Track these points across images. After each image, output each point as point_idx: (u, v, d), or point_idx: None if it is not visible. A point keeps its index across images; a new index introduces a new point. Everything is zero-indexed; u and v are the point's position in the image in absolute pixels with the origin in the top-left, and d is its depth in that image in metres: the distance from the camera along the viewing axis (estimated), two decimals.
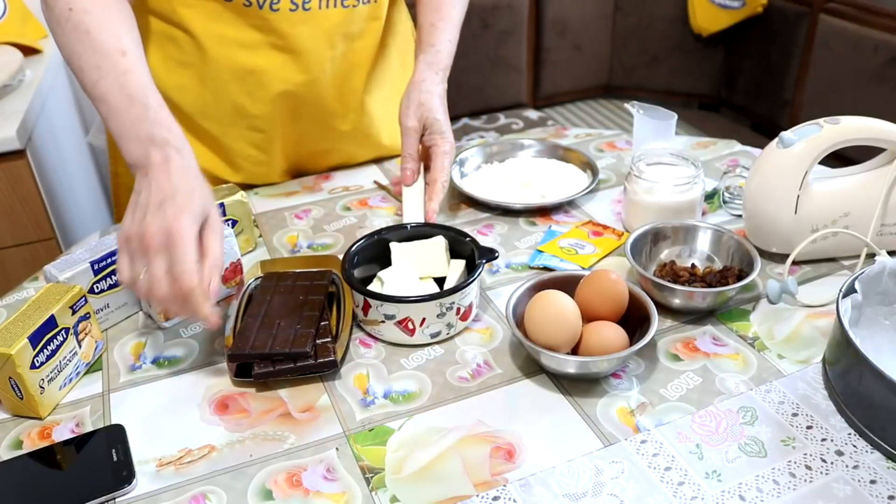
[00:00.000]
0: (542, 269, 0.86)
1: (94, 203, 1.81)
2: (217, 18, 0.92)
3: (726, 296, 0.77)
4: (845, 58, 2.16)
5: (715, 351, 0.73)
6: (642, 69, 2.74)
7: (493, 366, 0.73)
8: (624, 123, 2.71)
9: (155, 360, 0.75)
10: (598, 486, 0.59)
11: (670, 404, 0.67)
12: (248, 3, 0.90)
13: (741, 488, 0.59)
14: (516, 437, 0.64)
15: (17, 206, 1.35)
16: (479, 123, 2.44)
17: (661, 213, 0.88)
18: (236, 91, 0.97)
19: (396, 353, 0.75)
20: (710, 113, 2.76)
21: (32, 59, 1.60)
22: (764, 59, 2.45)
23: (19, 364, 0.64)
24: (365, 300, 0.74)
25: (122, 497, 0.60)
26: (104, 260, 0.77)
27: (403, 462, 0.62)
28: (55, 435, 0.67)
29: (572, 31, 2.65)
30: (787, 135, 0.81)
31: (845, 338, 0.63)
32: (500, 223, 0.96)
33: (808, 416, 0.65)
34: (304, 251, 0.92)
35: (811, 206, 0.81)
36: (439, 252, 0.80)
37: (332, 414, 0.68)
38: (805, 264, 0.85)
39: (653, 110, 1.00)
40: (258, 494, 0.60)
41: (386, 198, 1.03)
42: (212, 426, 0.67)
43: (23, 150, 1.31)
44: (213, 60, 0.94)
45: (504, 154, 1.11)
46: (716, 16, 2.49)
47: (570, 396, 0.68)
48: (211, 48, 0.93)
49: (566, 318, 0.68)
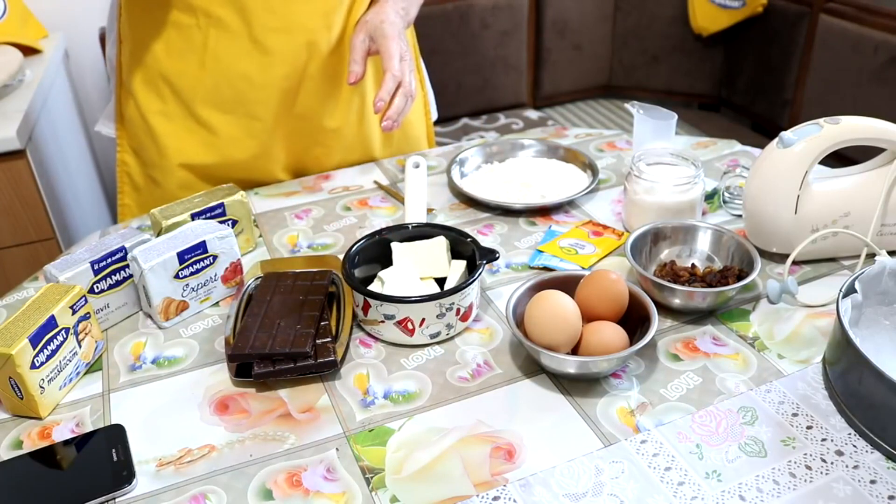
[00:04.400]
0: (542, 269, 0.86)
1: (95, 203, 1.81)
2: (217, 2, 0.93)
3: (726, 296, 0.77)
4: (845, 58, 2.16)
5: (715, 351, 0.73)
6: (642, 69, 2.74)
7: (493, 366, 0.73)
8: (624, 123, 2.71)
9: (155, 360, 0.75)
10: (598, 486, 0.59)
11: (670, 404, 0.67)
12: None
13: (741, 488, 0.59)
14: (516, 437, 0.64)
15: (17, 206, 1.35)
16: (479, 123, 2.44)
17: (661, 213, 0.88)
18: (236, 75, 0.98)
19: (396, 353, 0.75)
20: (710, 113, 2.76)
21: (32, 58, 1.60)
22: (764, 59, 2.45)
23: (19, 364, 0.64)
24: (365, 300, 0.74)
25: (122, 497, 0.60)
26: (104, 260, 0.77)
27: (403, 462, 0.62)
28: (55, 435, 0.67)
29: (572, 31, 2.65)
30: (787, 135, 0.81)
31: (845, 338, 0.63)
32: (500, 223, 0.96)
33: (808, 416, 0.65)
34: (304, 251, 0.92)
35: (811, 206, 0.81)
36: (440, 252, 0.80)
37: (332, 414, 0.68)
38: (805, 264, 0.85)
39: (653, 110, 1.00)
40: (258, 494, 0.60)
41: (386, 198, 1.03)
42: (212, 426, 0.67)
43: (23, 150, 1.31)
44: (213, 45, 0.95)
45: (504, 154, 1.11)
46: (716, 16, 2.49)
47: (570, 396, 0.68)
48: (212, 33, 0.95)
49: (566, 318, 0.68)
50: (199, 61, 0.97)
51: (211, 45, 0.96)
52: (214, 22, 0.95)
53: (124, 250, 0.78)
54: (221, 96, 1.00)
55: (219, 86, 0.99)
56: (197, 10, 0.94)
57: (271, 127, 1.04)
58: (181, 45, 0.97)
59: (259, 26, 0.95)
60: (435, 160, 1.12)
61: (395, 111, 0.92)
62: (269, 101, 1.01)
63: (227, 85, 0.99)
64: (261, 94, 1.00)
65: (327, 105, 1.06)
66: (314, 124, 1.07)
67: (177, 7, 0.95)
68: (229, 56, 0.97)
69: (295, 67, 0.99)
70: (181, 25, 0.96)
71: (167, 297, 0.78)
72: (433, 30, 2.30)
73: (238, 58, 0.97)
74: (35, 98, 1.42)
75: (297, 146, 1.08)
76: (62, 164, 1.56)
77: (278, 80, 1.00)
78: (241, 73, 0.98)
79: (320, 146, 1.09)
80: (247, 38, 0.96)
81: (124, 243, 0.78)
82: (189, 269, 0.78)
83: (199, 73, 0.98)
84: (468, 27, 2.41)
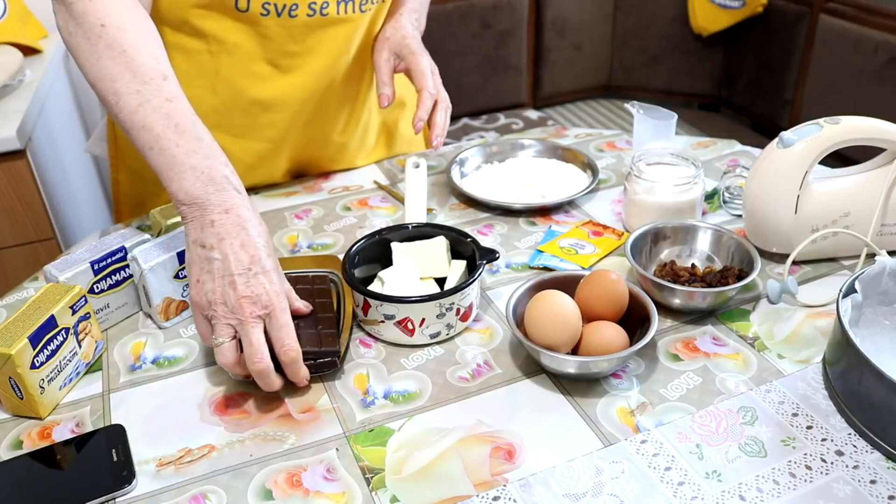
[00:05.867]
0: (542, 269, 0.87)
1: (94, 203, 1.81)
2: (231, 28, 0.89)
3: (726, 296, 0.77)
4: (845, 58, 2.16)
5: (715, 351, 0.73)
6: (642, 69, 2.74)
7: (493, 366, 0.73)
8: (624, 123, 2.71)
9: (155, 360, 0.75)
10: (598, 486, 0.59)
11: (670, 404, 0.67)
12: (265, 13, 0.87)
13: (741, 488, 0.59)
14: (516, 437, 0.64)
15: (17, 206, 1.35)
16: (479, 123, 2.45)
17: (661, 213, 0.88)
18: (249, 100, 0.95)
19: (396, 353, 0.75)
20: (710, 113, 2.76)
21: (32, 59, 1.60)
22: (764, 59, 2.46)
23: (19, 364, 0.64)
24: (365, 300, 0.74)
25: (122, 497, 0.60)
26: (104, 260, 0.77)
27: (403, 462, 0.62)
28: (55, 435, 0.67)
29: (572, 31, 2.65)
30: (787, 135, 0.81)
31: (845, 338, 0.63)
32: (500, 223, 0.96)
33: (808, 416, 0.65)
34: (304, 251, 0.92)
35: (811, 206, 0.81)
36: (440, 252, 0.80)
37: (332, 414, 0.68)
38: (805, 264, 0.85)
39: (653, 110, 1.00)
40: (258, 494, 0.60)
41: (386, 198, 1.03)
42: (212, 426, 0.67)
43: (23, 150, 1.31)
44: (226, 69, 0.93)
45: (504, 154, 1.11)
46: (716, 16, 2.49)
47: (570, 396, 0.68)
48: (224, 58, 0.92)
49: (566, 318, 0.68)
50: (210, 86, 0.94)
51: (223, 70, 0.92)
52: (228, 48, 0.91)
53: (124, 250, 0.78)
54: (232, 121, 0.97)
55: (230, 111, 0.96)
56: (209, 37, 0.90)
57: (278, 143, 1.02)
58: (189, 69, 0.92)
59: (277, 51, 0.92)
60: (435, 160, 1.12)
61: (442, 128, 0.93)
62: (281, 123, 0.99)
63: (238, 110, 0.96)
64: (274, 118, 0.98)
65: (338, 121, 1.05)
66: (322, 138, 1.06)
67: (184, 32, 0.90)
68: (243, 81, 0.94)
69: (312, 90, 0.97)
70: (189, 50, 0.91)
71: (167, 297, 0.78)
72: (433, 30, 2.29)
73: (253, 82, 0.94)
74: (35, 98, 1.42)
75: (301, 156, 1.07)
76: (62, 164, 1.56)
77: (293, 103, 0.97)
78: (254, 97, 0.95)
79: (325, 157, 1.09)
80: (263, 62, 0.93)
81: (124, 243, 0.78)
82: None
83: (210, 98, 0.94)
84: (468, 27, 2.41)
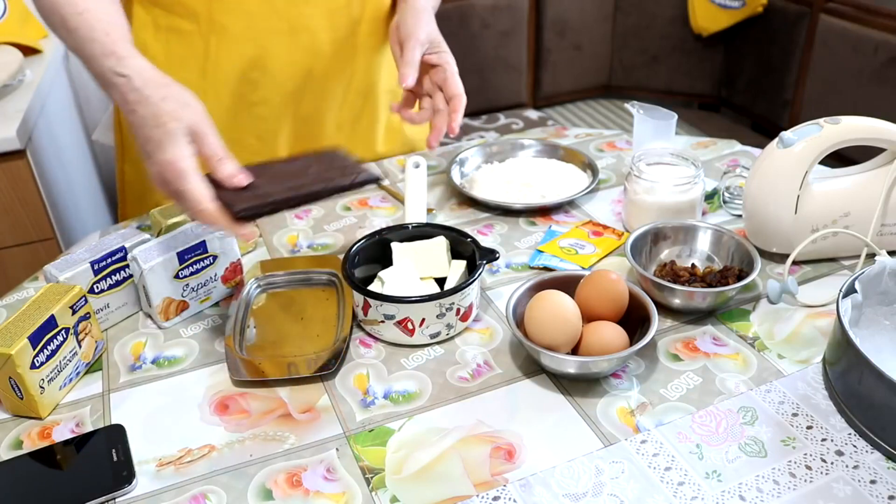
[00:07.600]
0: (542, 269, 0.86)
1: (94, 203, 1.81)
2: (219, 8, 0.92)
3: (726, 296, 0.77)
4: (845, 58, 2.16)
5: (715, 351, 0.73)
6: (642, 69, 2.74)
7: (493, 366, 0.73)
8: (624, 123, 2.71)
9: (155, 360, 0.75)
10: (598, 486, 0.59)
11: (670, 404, 0.67)
12: None
13: (741, 488, 0.59)
14: (516, 437, 0.64)
15: (17, 206, 1.35)
16: (479, 123, 2.44)
17: (661, 213, 0.88)
18: (239, 81, 0.97)
19: (396, 353, 0.74)
20: (710, 113, 2.76)
21: (32, 59, 1.60)
22: (764, 59, 2.45)
23: (19, 364, 0.64)
24: (365, 300, 0.74)
25: (122, 497, 0.60)
26: (104, 260, 0.77)
27: (403, 462, 0.62)
28: (55, 435, 0.67)
29: (572, 31, 2.65)
30: (787, 135, 0.81)
31: (845, 338, 0.63)
32: (500, 223, 0.96)
33: (808, 416, 0.65)
34: (304, 251, 0.92)
35: (811, 206, 0.81)
36: (440, 252, 0.80)
37: (332, 415, 0.68)
38: (805, 264, 0.85)
39: (653, 110, 1.00)
40: (258, 494, 0.60)
41: (386, 198, 1.03)
42: (212, 426, 0.67)
43: (23, 150, 1.30)
44: (215, 48, 0.95)
45: (504, 154, 1.11)
46: (716, 16, 2.49)
47: (570, 396, 0.68)
48: (214, 35, 0.94)
49: (566, 318, 0.68)
50: (200, 70, 0.96)
51: (212, 52, 0.95)
52: (217, 28, 0.94)
53: (124, 250, 0.78)
54: (223, 105, 0.99)
55: (220, 94, 0.98)
56: (200, 17, 0.93)
57: (274, 130, 1.04)
58: (182, 51, 0.96)
59: (263, 30, 0.95)
60: (435, 160, 1.12)
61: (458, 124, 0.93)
62: (272, 105, 1.01)
63: (228, 92, 0.98)
64: (264, 99, 1.00)
65: (331, 107, 1.06)
66: (317, 126, 1.07)
67: (177, 13, 0.94)
68: (231, 62, 0.96)
69: (299, 70, 0.99)
70: (182, 32, 0.95)
71: (167, 297, 0.78)
72: None
73: (241, 63, 0.96)
74: (35, 98, 1.42)
75: (298, 147, 1.08)
76: (62, 164, 1.56)
77: (282, 84, 0.99)
78: (243, 78, 0.97)
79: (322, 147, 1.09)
80: (250, 43, 0.95)
81: (124, 243, 0.78)
82: (189, 269, 0.78)
83: (200, 83, 0.97)
84: (468, 27, 2.41)
